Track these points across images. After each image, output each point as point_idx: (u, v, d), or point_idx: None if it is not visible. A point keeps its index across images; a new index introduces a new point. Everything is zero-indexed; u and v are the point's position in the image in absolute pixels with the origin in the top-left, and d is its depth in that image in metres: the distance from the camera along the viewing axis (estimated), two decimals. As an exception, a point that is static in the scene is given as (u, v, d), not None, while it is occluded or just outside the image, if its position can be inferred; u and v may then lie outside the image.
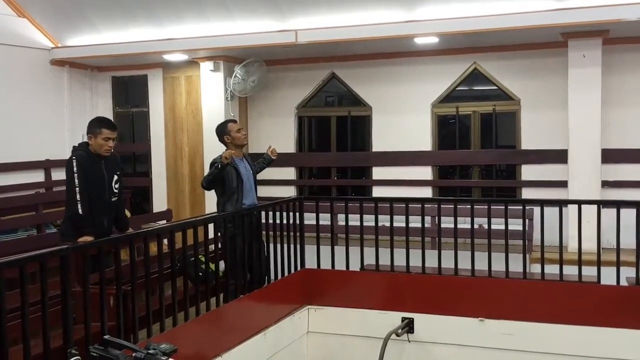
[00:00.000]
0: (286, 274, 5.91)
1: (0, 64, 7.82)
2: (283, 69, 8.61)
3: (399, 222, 5.94)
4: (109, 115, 8.61)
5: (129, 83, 9.27)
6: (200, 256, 5.21)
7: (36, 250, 4.16)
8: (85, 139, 4.90)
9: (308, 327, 6.02)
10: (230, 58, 8.20)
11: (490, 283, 5.59)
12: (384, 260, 5.91)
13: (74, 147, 4.98)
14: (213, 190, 5.63)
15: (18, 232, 6.99)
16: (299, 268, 6.13)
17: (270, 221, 5.76)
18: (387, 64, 8.17)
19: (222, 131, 5.68)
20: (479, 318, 5.48)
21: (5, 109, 7.86)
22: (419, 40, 7.25)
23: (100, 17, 7.99)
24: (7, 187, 7.68)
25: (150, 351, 2.76)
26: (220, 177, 5.42)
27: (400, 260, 5.87)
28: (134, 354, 2.76)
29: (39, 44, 8.32)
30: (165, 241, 4.80)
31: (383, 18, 6.92)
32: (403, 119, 8.17)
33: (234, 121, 5.99)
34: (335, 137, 8.74)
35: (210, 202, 7.85)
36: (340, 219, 6.52)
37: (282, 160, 7.17)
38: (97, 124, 4.82)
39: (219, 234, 5.20)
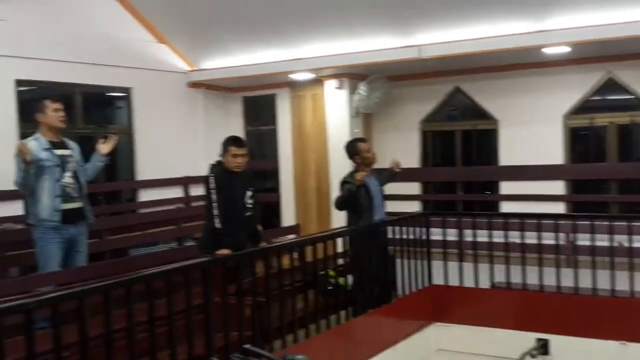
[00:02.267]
0: (413, 289, 5.90)
1: (144, 87, 8.43)
2: (406, 84, 8.64)
3: (530, 238, 5.76)
4: (241, 134, 9.02)
5: (258, 102, 9.67)
6: (329, 270, 5.32)
7: (177, 262, 4.47)
8: (219, 158, 5.21)
9: (437, 344, 5.96)
10: (354, 75, 8.34)
11: (633, 304, 5.28)
12: (515, 278, 5.74)
13: (210, 164, 5.29)
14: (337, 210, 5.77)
15: (159, 245, 7.48)
16: (426, 284, 6.10)
17: (397, 236, 5.79)
18: (513, 75, 7.97)
19: (353, 151, 5.79)
20: (621, 341, 5.18)
21: (149, 129, 8.46)
22: (549, 51, 7.01)
23: (233, 41, 8.42)
24: (150, 203, 8.27)
25: (287, 361, 2.89)
26: (353, 199, 5.53)
27: (532, 279, 5.68)
28: (272, 363, 2.90)
29: (177, 67, 8.90)
30: (296, 255, 4.97)
31: (510, 29, 6.77)
32: (532, 131, 7.91)
33: (364, 140, 6.06)
34: (460, 151, 8.62)
35: (337, 217, 8.00)
36: (467, 234, 6.42)
37: (407, 175, 7.18)
38: (226, 142, 5.12)
39: (348, 248, 5.31)
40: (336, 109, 8.54)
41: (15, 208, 6.77)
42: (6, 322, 2.92)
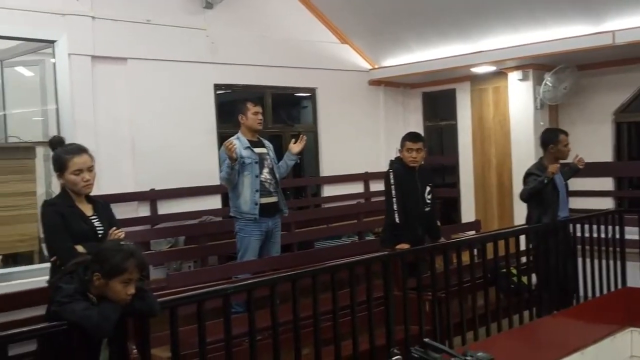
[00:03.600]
0: (604, 291, 5.55)
1: (328, 87, 8.79)
2: (597, 73, 8.08)
3: None
4: (420, 130, 9.04)
5: (438, 98, 9.62)
6: (511, 268, 5.20)
7: (359, 255, 4.64)
8: (398, 153, 5.30)
9: (631, 351, 5.55)
10: (539, 66, 7.99)
11: None
12: None
13: (391, 161, 5.41)
14: (522, 201, 5.59)
15: (342, 238, 7.78)
16: (619, 286, 5.70)
17: (586, 235, 5.48)
18: None
19: (551, 140, 5.59)
20: None
21: (332, 127, 8.81)
22: None
23: (413, 39, 8.48)
24: (333, 198, 8.62)
25: (468, 358, 2.89)
26: (540, 192, 5.35)
27: None
28: (452, 359, 2.93)
29: (358, 66, 9.15)
30: (476, 251, 4.92)
31: None
32: None
33: (566, 133, 5.76)
34: (661, 143, 7.89)
35: (519, 213, 7.72)
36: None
37: (598, 169, 6.75)
38: (403, 138, 5.21)
39: (531, 246, 5.14)
40: (519, 101, 8.24)
41: (215, 202, 7.45)
42: (207, 306, 3.25)
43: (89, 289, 2.78)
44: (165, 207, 7.07)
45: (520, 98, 8.23)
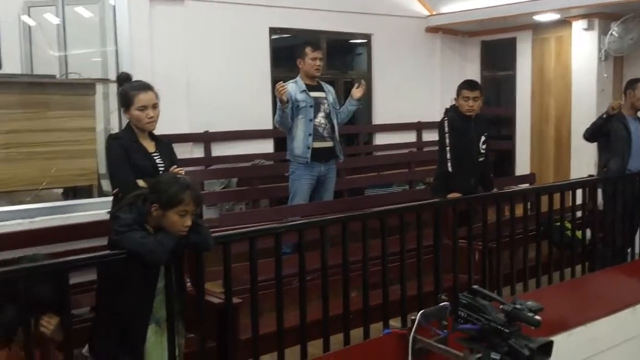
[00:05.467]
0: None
1: (383, 33, 8.63)
2: (669, 24, 7.68)
3: None
4: (477, 79, 8.80)
5: (497, 47, 9.34)
6: (566, 222, 5.10)
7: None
8: (453, 102, 5.20)
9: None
10: (606, 15, 7.63)
11: None
12: None
13: (446, 109, 5.31)
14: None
15: (393, 187, 7.76)
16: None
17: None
18: None
19: (629, 85, 5.49)
20: None
21: (386, 74, 8.68)
22: None
23: (473, -17, 8.21)
24: (385, 146, 8.56)
25: (517, 306, 2.89)
26: (603, 129, 5.22)
27: None
28: (501, 306, 2.93)
29: (416, 13, 8.93)
30: (529, 205, 4.85)
31: None
32: None
33: None
34: None
35: (576, 168, 7.54)
36: None
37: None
38: (459, 86, 5.09)
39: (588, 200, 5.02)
40: (583, 52, 7.93)
41: (267, 146, 7.51)
42: (258, 246, 3.30)
43: (146, 220, 2.86)
44: (219, 149, 7.17)
45: (584, 49, 7.92)
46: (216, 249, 3.13)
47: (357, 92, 5.56)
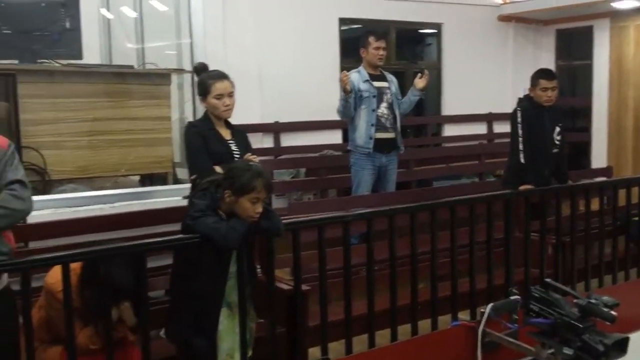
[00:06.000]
0: None
1: (454, 22, 8.50)
2: None
3: None
4: (551, 69, 8.58)
5: (573, 35, 9.04)
6: (644, 216, 4.90)
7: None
8: (526, 92, 5.07)
9: None
10: (691, 1, 7.28)
11: None
12: None
13: (519, 99, 5.18)
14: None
15: (462, 179, 7.65)
16: None
17: None
18: None
19: None
20: None
21: (457, 64, 8.55)
22: None
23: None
24: (455, 137, 8.44)
25: (592, 300, 2.81)
26: None
27: None
28: (575, 300, 2.85)
29: (488, 1, 8.74)
30: (606, 199, 4.69)
31: None
32: None
33: None
34: None
35: (657, 161, 7.24)
36: None
37: None
38: (536, 75, 4.95)
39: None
40: (667, 40, 7.59)
41: (336, 137, 7.54)
42: (326, 235, 3.33)
43: (219, 205, 2.94)
44: (288, 139, 7.26)
45: (666, 36, 7.58)
46: (285, 237, 3.18)
47: (420, 82, 5.50)
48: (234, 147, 3.60)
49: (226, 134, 3.64)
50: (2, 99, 4.16)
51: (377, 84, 5.47)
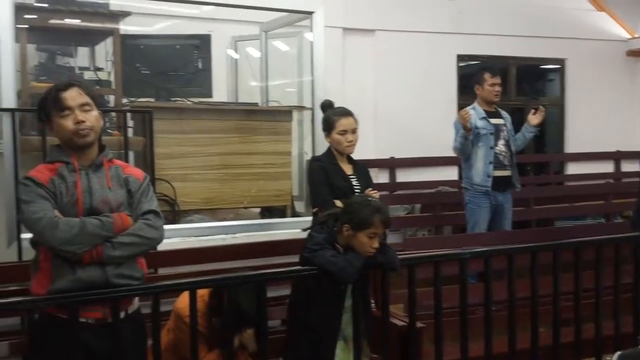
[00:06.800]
0: None
1: (578, 57, 8.25)
2: None
3: None
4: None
5: None
6: None
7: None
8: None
9: None
10: None
11: None
12: None
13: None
14: None
15: (586, 219, 7.30)
16: None
17: None
18: None
19: None
20: None
21: (581, 101, 8.28)
22: None
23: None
24: (578, 176, 8.11)
25: None
26: None
27: None
28: None
29: (615, 35, 8.43)
30: None
31: None
32: None
33: None
34: None
35: None
36: None
37: None
38: None
39: None
40: None
41: (452, 173, 7.47)
42: (441, 272, 3.30)
43: (336, 239, 3.01)
44: (404, 175, 7.28)
45: None
46: (400, 272, 3.18)
47: (534, 118, 5.37)
48: (354, 182, 3.68)
49: (348, 168, 3.73)
50: (139, 134, 4.49)
51: (493, 120, 5.40)
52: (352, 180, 3.68)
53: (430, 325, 3.31)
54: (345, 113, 3.74)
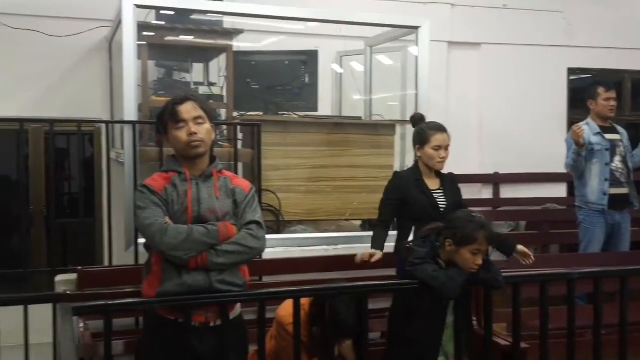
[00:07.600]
0: None
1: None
2: None
3: None
4: None
5: None
6: None
7: None
8: None
9: None
10: None
11: None
12: None
13: None
14: None
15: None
16: None
17: None
18: None
19: None
20: None
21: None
22: None
23: None
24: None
25: None
26: None
27: None
28: None
29: None
30: None
31: None
32: None
33: None
34: None
35: None
36: None
37: None
38: None
39: None
40: None
41: (559, 190, 7.21)
42: (548, 292, 3.19)
43: (438, 254, 3.00)
44: (508, 191, 7.11)
45: None
46: (503, 290, 3.12)
47: None
48: (440, 198, 3.64)
49: (434, 183, 3.70)
50: (248, 146, 4.66)
51: (609, 136, 5.18)
52: (436, 195, 3.65)
53: (535, 347, 3.22)
54: (440, 128, 3.72)
